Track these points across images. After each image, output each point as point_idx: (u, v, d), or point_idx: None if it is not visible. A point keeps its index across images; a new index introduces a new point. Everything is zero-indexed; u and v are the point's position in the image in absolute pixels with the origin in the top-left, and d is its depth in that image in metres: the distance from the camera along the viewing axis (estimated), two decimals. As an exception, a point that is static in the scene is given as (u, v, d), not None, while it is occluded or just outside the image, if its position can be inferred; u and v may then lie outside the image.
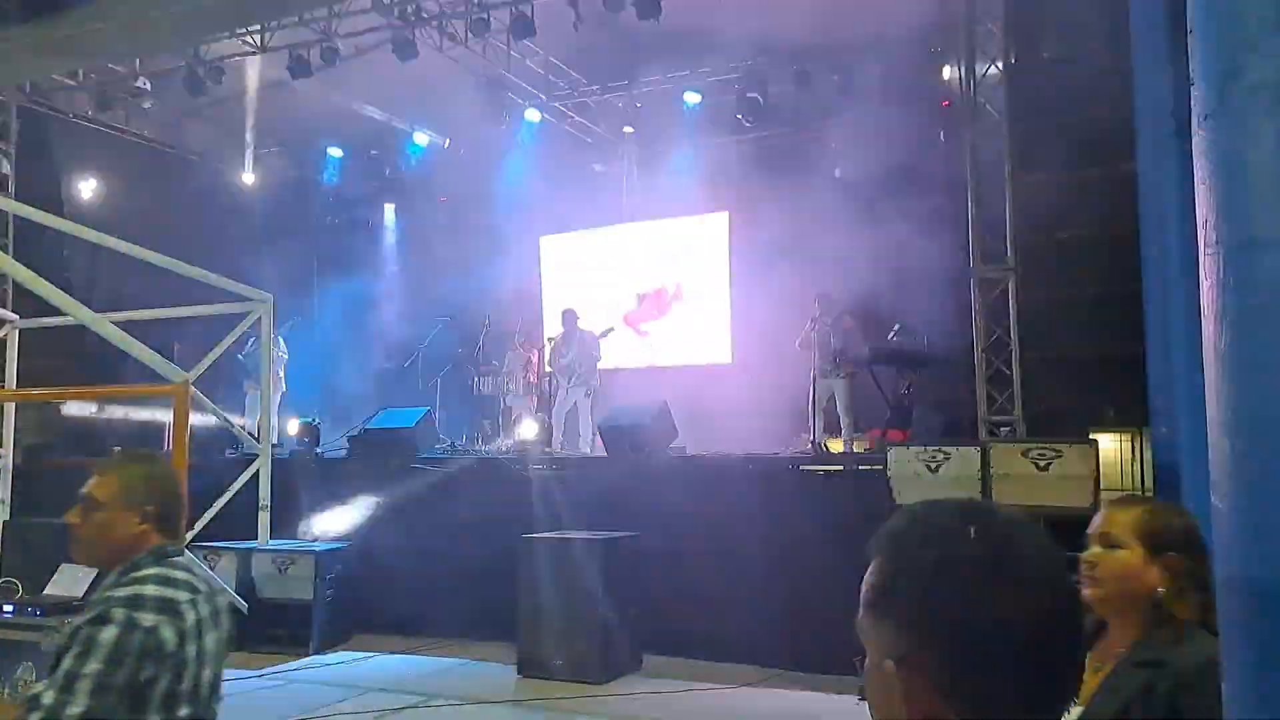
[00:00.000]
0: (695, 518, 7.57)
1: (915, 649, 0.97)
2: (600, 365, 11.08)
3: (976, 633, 0.95)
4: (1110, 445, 9.25)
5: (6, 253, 10.09)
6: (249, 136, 13.31)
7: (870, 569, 1.05)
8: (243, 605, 8.03)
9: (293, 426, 10.58)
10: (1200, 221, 1.95)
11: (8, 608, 5.76)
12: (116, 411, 11.52)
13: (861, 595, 1.05)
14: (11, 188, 11.11)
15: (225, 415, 9.04)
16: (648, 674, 7.13)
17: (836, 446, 9.05)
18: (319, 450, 10.07)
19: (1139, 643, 2.12)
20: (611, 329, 11.09)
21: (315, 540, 8.68)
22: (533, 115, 12.62)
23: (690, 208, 13.18)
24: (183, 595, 2.19)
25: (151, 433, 11.41)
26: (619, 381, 11.81)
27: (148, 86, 11.35)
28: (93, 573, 6.04)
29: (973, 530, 1.00)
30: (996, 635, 0.95)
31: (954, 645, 0.95)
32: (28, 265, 7.81)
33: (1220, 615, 2.01)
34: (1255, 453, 1.86)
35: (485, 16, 9.76)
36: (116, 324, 7.73)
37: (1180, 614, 2.05)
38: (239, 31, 10.18)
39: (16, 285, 10.11)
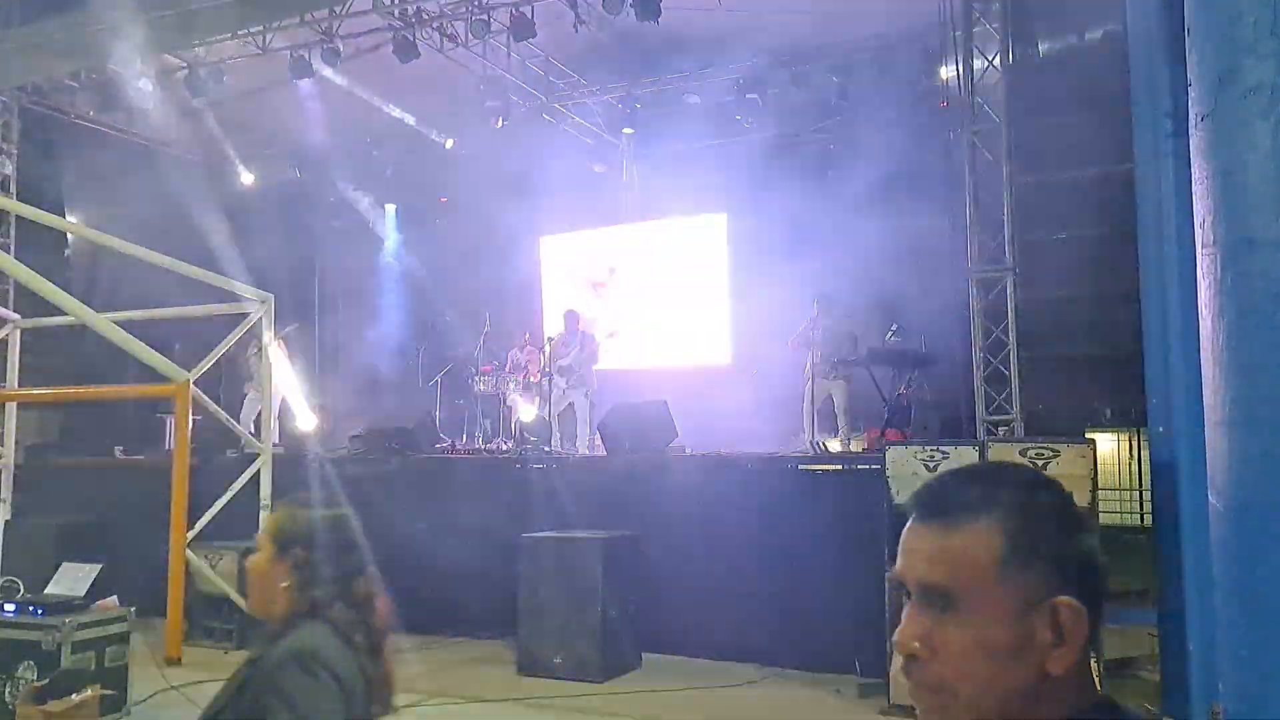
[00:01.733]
0: (695, 517, 7.58)
1: (1071, 583, 1.06)
2: (599, 366, 11.10)
3: (1091, 559, 1.10)
4: (1108, 445, 9.26)
5: (7, 253, 10.10)
6: (249, 136, 13.31)
7: (983, 531, 1.08)
8: (243, 604, 8.05)
9: (302, 417, 10.54)
10: (1198, 221, 1.97)
11: (9, 607, 5.78)
12: (117, 411, 11.52)
13: (980, 559, 1.06)
14: (12, 188, 11.12)
15: (225, 415, 9.06)
16: (647, 673, 7.14)
17: (834, 446, 9.07)
18: (320, 450, 10.08)
19: (256, 640, 2.19)
20: (615, 333, 11.12)
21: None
22: (533, 116, 12.63)
23: (689, 208, 13.19)
24: None
25: (152, 432, 11.44)
26: (619, 381, 11.82)
27: (148, 87, 11.35)
28: (94, 572, 6.07)
29: (1046, 478, 1.15)
30: (1097, 562, 1.10)
31: (1090, 573, 1.09)
32: (28, 265, 7.84)
33: (1219, 612, 2.03)
34: (1253, 452, 1.87)
35: (485, 17, 9.76)
36: (117, 324, 7.76)
37: (299, 607, 2.09)
38: (239, 32, 10.19)
39: (17, 285, 10.13)
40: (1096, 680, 1.09)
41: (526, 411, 9.89)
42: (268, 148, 13.94)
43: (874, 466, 6.71)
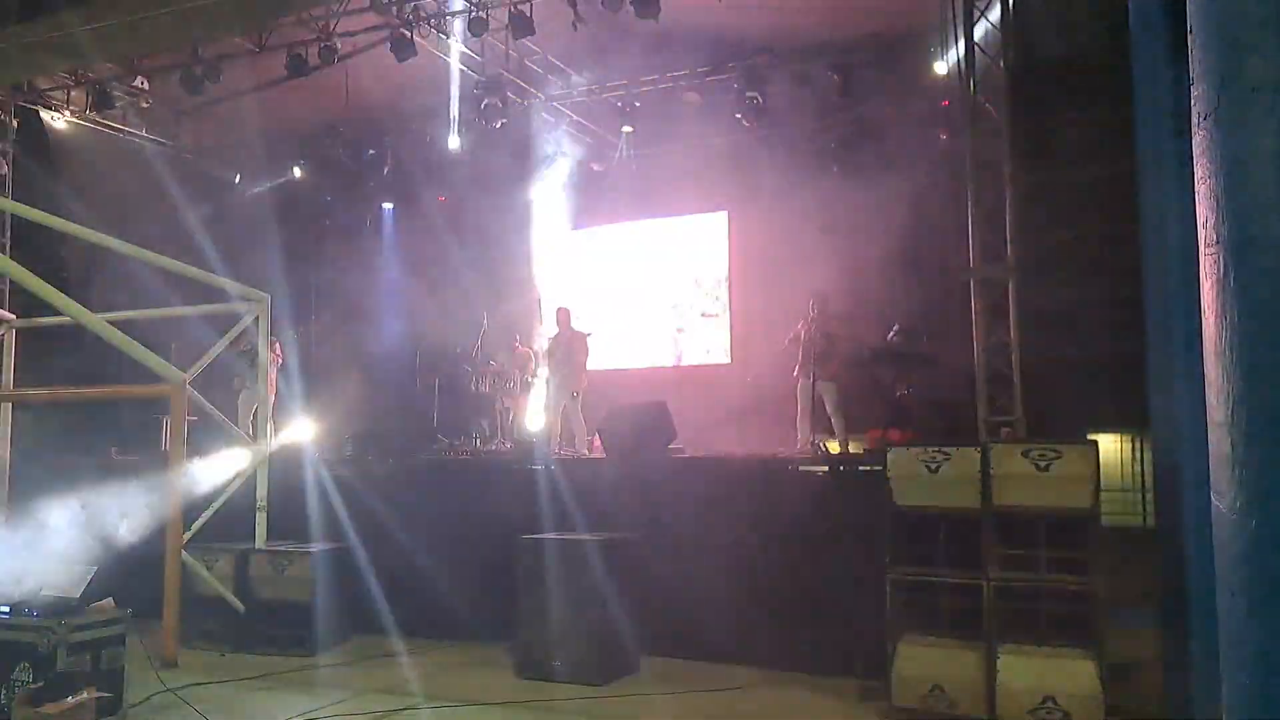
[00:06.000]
0: (694, 518, 7.55)
1: None
2: (596, 365, 11.05)
3: None
4: (1110, 446, 9.22)
5: (3, 252, 10.07)
6: (248, 136, 13.28)
7: None
8: (239, 606, 8.02)
9: (297, 429, 10.50)
10: (1201, 221, 1.94)
11: (4, 608, 5.75)
12: (114, 411, 11.49)
13: None
14: (9, 187, 11.09)
15: (222, 415, 9.02)
16: (647, 675, 7.11)
17: (835, 447, 9.04)
18: (318, 450, 10.05)
19: None
20: (589, 333, 11.04)
21: (312, 541, 8.65)
22: (533, 115, 12.61)
23: (689, 207, 13.18)
24: None
25: (150, 432, 11.41)
26: (618, 382, 11.79)
27: (146, 86, 11.34)
28: (90, 573, 6.04)
29: None
30: None
31: None
32: (26, 265, 7.81)
33: (1222, 614, 2.00)
34: (1255, 453, 1.85)
35: (484, 15, 9.74)
36: (114, 324, 7.72)
37: None
38: (237, 31, 10.16)
39: (13, 285, 10.10)
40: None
41: (526, 426, 9.82)
42: (264, 147, 13.91)
43: (875, 467, 6.68)
